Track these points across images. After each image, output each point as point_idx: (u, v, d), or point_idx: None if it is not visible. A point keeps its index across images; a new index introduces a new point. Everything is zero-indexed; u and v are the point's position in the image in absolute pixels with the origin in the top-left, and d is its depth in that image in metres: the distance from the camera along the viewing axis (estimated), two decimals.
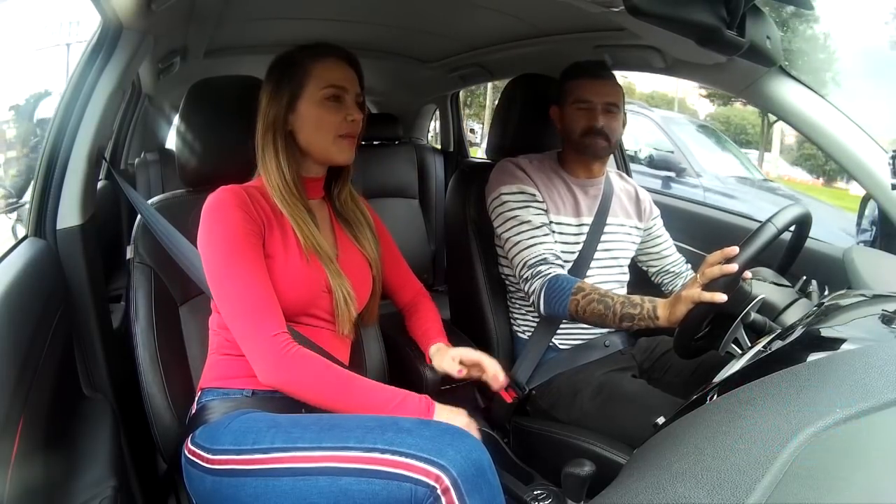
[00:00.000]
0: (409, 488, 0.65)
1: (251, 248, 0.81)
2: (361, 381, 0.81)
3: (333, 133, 0.86)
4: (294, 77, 0.86)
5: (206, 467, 0.76)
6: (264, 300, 0.79)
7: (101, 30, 0.94)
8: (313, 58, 0.86)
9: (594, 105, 1.13)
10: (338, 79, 0.87)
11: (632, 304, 0.97)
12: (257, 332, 0.78)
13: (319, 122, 0.86)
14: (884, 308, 0.63)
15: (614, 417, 1.03)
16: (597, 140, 1.13)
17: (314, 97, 0.86)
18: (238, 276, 0.79)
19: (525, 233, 1.11)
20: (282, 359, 0.77)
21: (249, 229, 0.82)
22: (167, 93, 2.20)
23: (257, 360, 0.78)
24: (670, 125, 4.49)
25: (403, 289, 1.07)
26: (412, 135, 2.59)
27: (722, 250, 0.87)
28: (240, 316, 0.79)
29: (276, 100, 0.86)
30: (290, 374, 0.78)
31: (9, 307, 0.67)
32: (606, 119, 1.13)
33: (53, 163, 0.91)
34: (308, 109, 0.86)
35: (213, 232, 0.82)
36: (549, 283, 1.05)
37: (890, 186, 0.97)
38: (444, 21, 1.53)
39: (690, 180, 4.03)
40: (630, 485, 0.48)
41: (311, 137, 0.87)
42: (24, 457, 0.60)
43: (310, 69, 0.86)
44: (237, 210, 0.82)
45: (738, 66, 1.03)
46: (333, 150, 0.88)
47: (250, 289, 0.79)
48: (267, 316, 0.79)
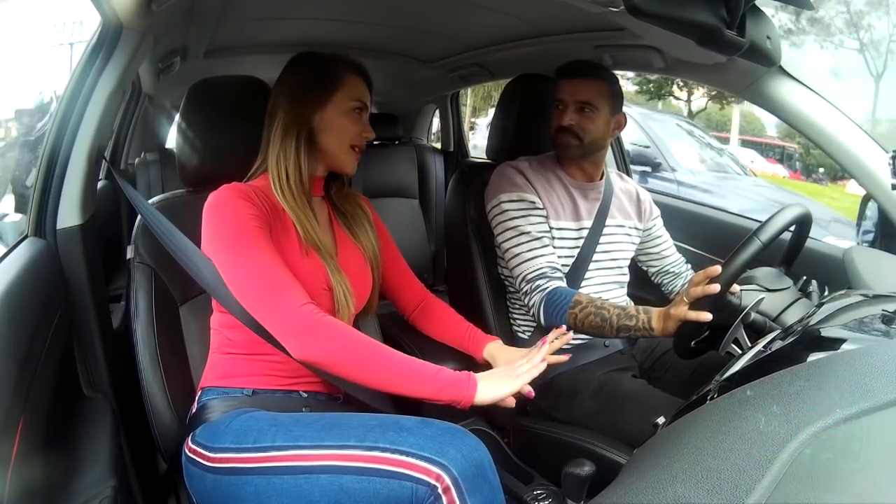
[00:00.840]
0: (410, 487, 0.65)
1: (261, 233, 0.80)
2: (393, 352, 0.78)
3: (349, 143, 0.90)
4: (326, 81, 0.89)
5: (206, 466, 0.76)
6: (284, 275, 0.78)
7: (101, 30, 0.94)
8: (346, 69, 0.90)
9: (566, 104, 1.14)
10: (363, 95, 0.91)
11: (627, 316, 0.98)
12: (283, 305, 0.76)
13: (342, 129, 0.89)
14: (884, 308, 0.63)
15: (614, 417, 1.04)
16: (565, 138, 1.14)
17: (342, 106, 0.89)
18: (253, 258, 0.78)
19: (525, 244, 1.12)
20: (314, 327, 0.75)
21: (258, 217, 0.82)
22: (167, 93, 2.20)
23: (288, 334, 0.76)
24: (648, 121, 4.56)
25: (405, 290, 1.07)
26: (412, 135, 2.59)
27: (705, 270, 0.89)
28: (261, 294, 0.77)
29: (305, 98, 0.88)
30: (323, 342, 0.75)
31: (9, 307, 0.67)
32: (578, 118, 1.13)
33: (53, 163, 0.91)
34: (334, 116, 0.89)
35: (221, 222, 0.81)
36: (547, 298, 1.06)
37: (890, 186, 0.97)
38: (444, 21, 1.53)
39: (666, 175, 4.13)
40: (630, 485, 0.48)
41: (332, 142, 0.89)
42: (24, 457, 0.60)
43: (342, 79, 0.89)
44: (243, 202, 0.82)
45: (738, 66, 1.03)
46: (345, 159, 0.91)
47: (268, 267, 0.78)
48: (290, 289, 0.77)
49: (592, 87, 1.14)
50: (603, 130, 1.16)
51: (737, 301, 0.93)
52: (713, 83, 1.23)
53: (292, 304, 0.76)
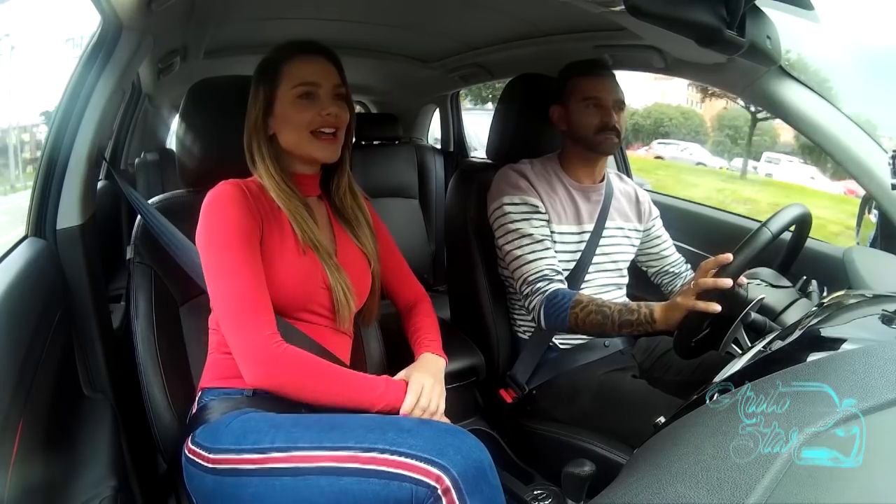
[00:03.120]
0: (410, 488, 0.65)
1: (245, 245, 0.81)
2: (347, 374, 0.81)
3: (306, 130, 0.86)
4: (269, 79, 0.87)
5: (206, 467, 0.76)
6: (255, 299, 0.79)
7: (101, 30, 0.94)
8: (285, 58, 0.86)
9: (606, 102, 1.13)
10: (308, 75, 0.86)
11: (629, 311, 0.98)
12: (246, 330, 0.78)
13: (292, 121, 0.86)
14: (884, 308, 0.63)
15: (614, 417, 1.04)
16: (610, 136, 1.14)
17: (287, 97, 0.86)
18: (230, 275, 0.79)
19: (526, 247, 1.11)
20: (270, 359, 0.77)
21: (245, 225, 0.81)
22: (167, 93, 2.20)
23: (244, 360, 0.78)
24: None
25: (404, 290, 1.07)
26: (412, 135, 2.59)
27: (716, 258, 0.87)
28: (229, 313, 0.79)
29: (255, 104, 0.87)
30: (277, 374, 0.78)
31: (9, 307, 0.67)
32: (618, 116, 1.14)
33: (53, 163, 0.91)
34: (282, 110, 0.86)
35: (209, 230, 0.82)
36: (548, 299, 1.06)
37: (890, 186, 0.97)
38: (444, 21, 1.53)
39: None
40: (630, 485, 0.48)
41: (289, 137, 0.87)
42: (24, 457, 0.60)
43: (282, 69, 0.86)
44: (234, 206, 0.82)
45: (738, 65, 1.03)
46: (312, 149, 0.87)
47: (242, 288, 0.79)
48: (258, 315, 0.78)
49: (619, 85, 1.15)
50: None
51: (744, 293, 0.92)
52: (713, 83, 1.23)
53: (256, 332, 0.78)
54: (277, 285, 0.83)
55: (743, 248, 0.88)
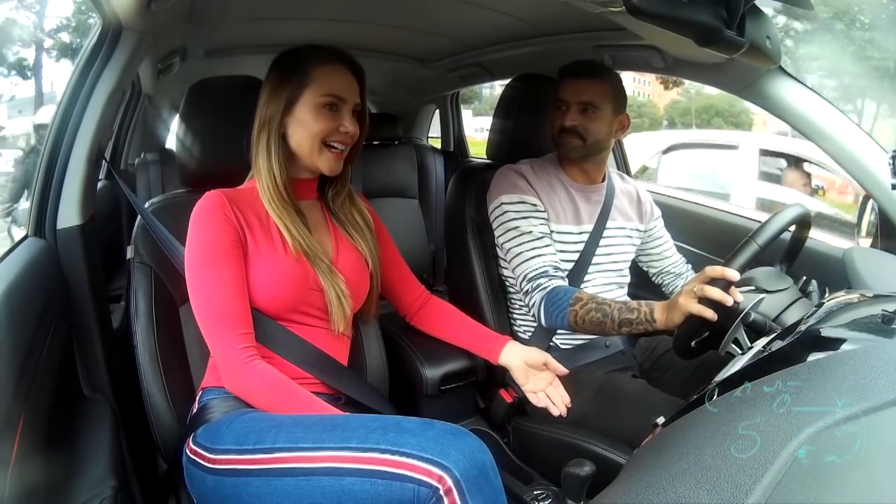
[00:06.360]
0: (412, 489, 0.65)
1: (219, 259, 0.82)
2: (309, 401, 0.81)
3: (321, 140, 0.86)
4: (296, 78, 0.86)
5: (207, 467, 0.76)
6: (233, 311, 0.81)
7: (101, 30, 0.94)
8: (318, 62, 0.86)
9: (568, 104, 1.14)
10: (338, 88, 0.86)
11: (629, 309, 0.97)
12: (222, 340, 0.81)
13: (311, 127, 0.86)
14: (884, 308, 0.63)
15: (614, 417, 1.03)
16: (568, 139, 1.14)
17: (311, 102, 0.85)
18: (203, 289, 0.82)
19: (526, 244, 1.11)
20: (241, 371, 0.80)
21: (219, 239, 0.82)
22: (167, 93, 2.20)
23: (221, 367, 0.82)
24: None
25: (406, 291, 1.07)
26: (412, 135, 2.59)
27: (723, 272, 0.86)
28: (208, 324, 0.82)
29: (275, 99, 0.86)
30: (247, 385, 0.81)
31: (9, 307, 0.67)
32: (581, 118, 1.13)
33: (53, 163, 0.91)
34: (303, 113, 0.86)
35: (188, 245, 0.84)
36: (548, 296, 1.06)
37: (890, 186, 0.97)
38: (444, 21, 1.53)
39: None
40: (630, 485, 0.48)
41: (301, 142, 0.87)
42: (24, 457, 0.60)
43: (313, 73, 0.86)
44: (209, 220, 0.83)
45: (738, 65, 1.03)
46: (319, 159, 0.87)
47: (220, 300, 0.81)
48: (234, 327, 0.81)
49: (595, 88, 1.14)
50: (606, 131, 1.15)
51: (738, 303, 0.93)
52: (713, 83, 1.23)
53: (230, 344, 0.80)
54: (267, 287, 0.83)
55: (729, 262, 0.89)
